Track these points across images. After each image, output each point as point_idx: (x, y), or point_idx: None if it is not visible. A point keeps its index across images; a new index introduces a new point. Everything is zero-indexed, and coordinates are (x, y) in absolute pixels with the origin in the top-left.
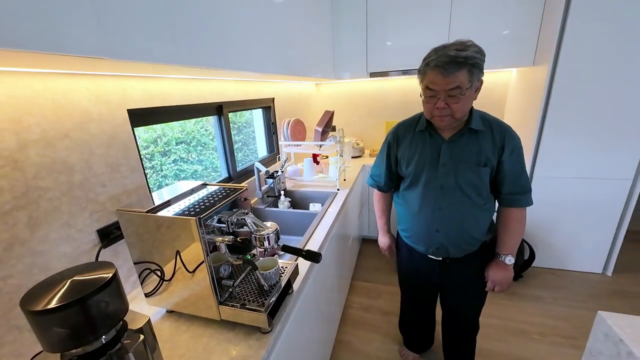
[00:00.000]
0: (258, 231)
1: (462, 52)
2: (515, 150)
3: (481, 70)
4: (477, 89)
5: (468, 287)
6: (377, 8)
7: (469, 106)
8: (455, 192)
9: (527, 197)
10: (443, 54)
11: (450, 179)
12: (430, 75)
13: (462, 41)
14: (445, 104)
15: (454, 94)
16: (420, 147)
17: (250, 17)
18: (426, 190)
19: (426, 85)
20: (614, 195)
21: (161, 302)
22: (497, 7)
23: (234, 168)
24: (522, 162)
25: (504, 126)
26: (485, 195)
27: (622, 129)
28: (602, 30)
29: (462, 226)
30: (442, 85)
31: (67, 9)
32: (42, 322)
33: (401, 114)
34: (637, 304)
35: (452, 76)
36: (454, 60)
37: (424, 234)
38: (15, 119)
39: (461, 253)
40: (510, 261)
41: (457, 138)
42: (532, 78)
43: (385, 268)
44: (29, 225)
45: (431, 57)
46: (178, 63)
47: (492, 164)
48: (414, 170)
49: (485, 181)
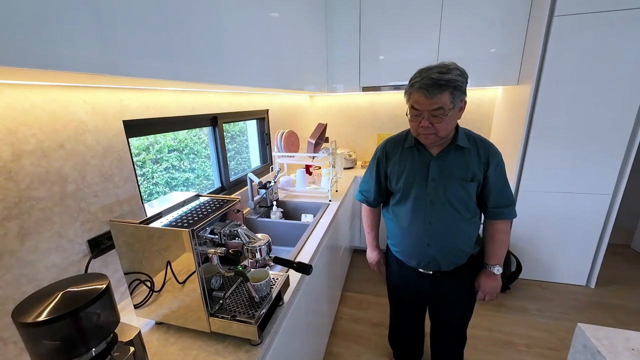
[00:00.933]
0: (250, 243)
1: (444, 75)
2: (499, 165)
3: (463, 92)
4: (460, 109)
5: (457, 300)
6: (369, 25)
7: (452, 125)
8: (445, 206)
9: (511, 210)
10: (426, 76)
11: (439, 193)
12: (415, 95)
13: (445, 64)
14: (430, 123)
15: (437, 114)
16: (410, 162)
17: (245, 33)
18: (416, 205)
19: (411, 105)
20: (595, 209)
21: (150, 314)
22: (484, 27)
23: (227, 178)
24: (505, 177)
25: (488, 143)
26: (473, 209)
27: (600, 146)
28: (580, 54)
29: (452, 240)
30: (426, 106)
31: (70, 28)
32: (33, 334)
33: (392, 127)
34: (619, 315)
35: (435, 97)
36: (437, 83)
37: (415, 249)
38: (11, 130)
39: (451, 266)
40: (499, 271)
41: (445, 154)
42: (517, 96)
43: (376, 279)
44: (20, 235)
45: (416, 79)
46: (175, 79)
47: (478, 179)
48: (403, 185)
49: (472, 195)
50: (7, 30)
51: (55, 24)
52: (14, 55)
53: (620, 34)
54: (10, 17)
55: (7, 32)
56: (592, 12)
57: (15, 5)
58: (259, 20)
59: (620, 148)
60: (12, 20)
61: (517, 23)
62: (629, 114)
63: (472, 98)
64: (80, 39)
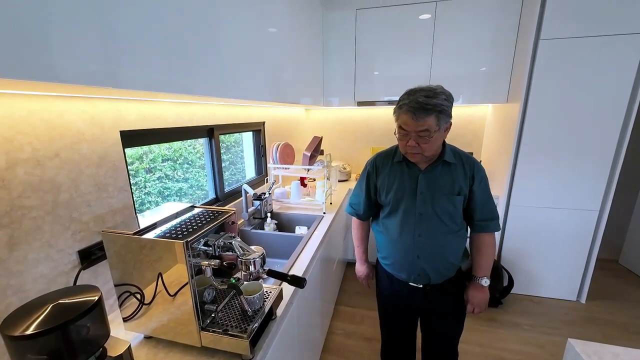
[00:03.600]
0: (244, 255)
1: (431, 99)
2: (483, 180)
3: (448, 115)
4: (446, 129)
5: (448, 314)
6: (365, 42)
7: (437, 145)
8: (433, 219)
9: (495, 223)
10: (414, 99)
11: (427, 206)
12: (402, 116)
13: (432, 88)
14: (416, 142)
15: (423, 135)
16: (399, 176)
17: (243, 48)
18: (406, 218)
19: (399, 125)
20: (583, 225)
21: (139, 327)
22: (474, 47)
23: (222, 189)
24: (488, 192)
25: (473, 159)
26: (459, 222)
27: (586, 163)
28: (565, 75)
29: (440, 252)
30: (413, 127)
31: (71, 41)
32: (20, 348)
33: (387, 141)
34: (609, 331)
35: (422, 120)
36: (423, 107)
37: (405, 261)
38: (7, 138)
39: (441, 279)
40: (486, 283)
41: (433, 169)
42: (507, 114)
43: (369, 292)
44: (9, 244)
45: (404, 101)
46: (173, 92)
47: (464, 193)
48: (393, 198)
49: (459, 209)
50: (9, 42)
51: (56, 37)
52: (16, 68)
53: (600, 58)
54: (13, 31)
55: (9, 44)
56: (575, 37)
57: (16, 18)
58: (257, 35)
59: (605, 165)
60: (14, 33)
61: (506, 44)
62: (612, 132)
63: (463, 114)
64: (82, 51)
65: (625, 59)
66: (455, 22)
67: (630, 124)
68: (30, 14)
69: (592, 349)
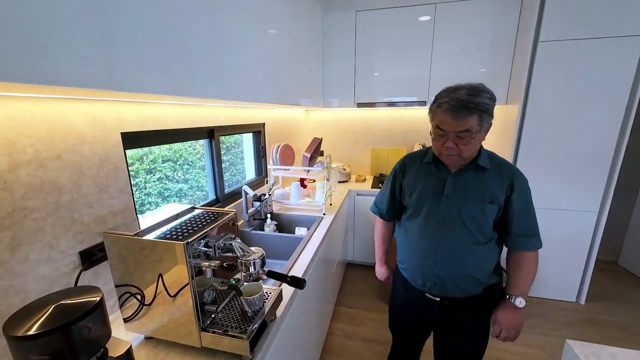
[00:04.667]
0: (244, 256)
1: (473, 97)
2: (524, 191)
3: (491, 115)
4: (486, 131)
5: (466, 335)
6: (364, 44)
7: (477, 147)
8: (456, 224)
9: (534, 241)
10: (455, 97)
11: (452, 210)
12: (440, 115)
13: (474, 85)
14: (454, 144)
15: (464, 136)
16: (426, 177)
17: (243, 49)
18: (427, 221)
19: (436, 124)
20: (583, 226)
21: (140, 328)
22: (474, 48)
23: (222, 190)
24: (530, 204)
25: (513, 167)
26: (488, 233)
27: (585, 164)
28: (564, 77)
29: (461, 262)
30: (452, 127)
31: (73, 45)
32: (23, 348)
33: (386, 142)
34: (608, 332)
35: (463, 120)
36: (465, 106)
37: (421, 266)
38: (10, 140)
39: (460, 294)
40: (521, 303)
41: (463, 172)
42: (506, 115)
43: (369, 293)
44: (11, 245)
45: (443, 99)
46: (173, 94)
47: (499, 202)
48: (416, 200)
49: (489, 218)
50: (12, 46)
51: (58, 41)
52: (19, 71)
53: (599, 60)
54: (16, 35)
55: (12, 49)
56: (574, 39)
57: (18, 23)
58: (257, 37)
59: (604, 166)
60: (17, 38)
61: (505, 46)
62: (611, 133)
63: None
64: (83, 55)
65: (623, 61)
66: (455, 24)
67: (628, 125)
68: (33, 19)
69: (590, 350)
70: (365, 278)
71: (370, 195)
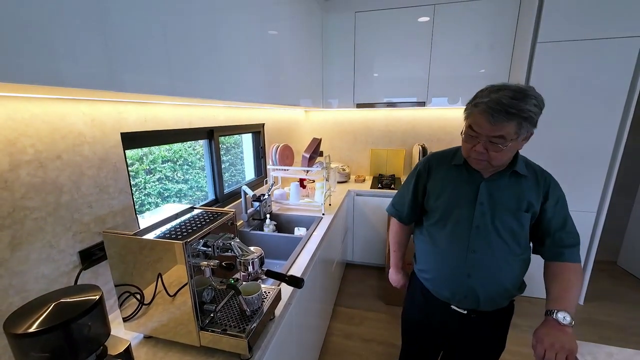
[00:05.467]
0: (243, 256)
1: (517, 102)
2: (561, 200)
3: (534, 124)
4: (525, 138)
5: (485, 346)
6: (364, 44)
7: (509, 156)
8: (492, 234)
9: (573, 252)
10: (496, 98)
11: (487, 219)
12: (476, 116)
13: (522, 88)
14: (485, 149)
15: (496, 142)
16: (455, 181)
17: (243, 50)
18: (458, 229)
19: (469, 125)
20: (581, 226)
21: (139, 327)
22: (472, 48)
23: (222, 191)
24: (567, 213)
25: (548, 174)
26: (524, 244)
27: (584, 165)
28: (562, 78)
29: (497, 274)
30: (487, 131)
31: (75, 46)
32: (23, 345)
33: (385, 142)
34: (606, 332)
35: (499, 125)
36: (506, 110)
37: (451, 278)
38: (11, 141)
39: (491, 307)
40: (565, 319)
41: (498, 178)
42: None
43: (368, 294)
44: (11, 245)
45: (482, 98)
46: (173, 95)
47: (534, 210)
48: (444, 205)
49: (525, 228)
50: (14, 47)
51: (60, 42)
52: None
53: (597, 61)
54: (18, 36)
55: (14, 50)
56: (571, 40)
57: (20, 24)
58: (257, 38)
59: (602, 167)
60: (19, 39)
61: (504, 47)
62: (609, 134)
63: (462, 116)
64: (85, 56)
65: (621, 62)
66: (454, 24)
67: (627, 126)
68: (35, 20)
69: (587, 349)
70: (364, 278)
71: (369, 195)
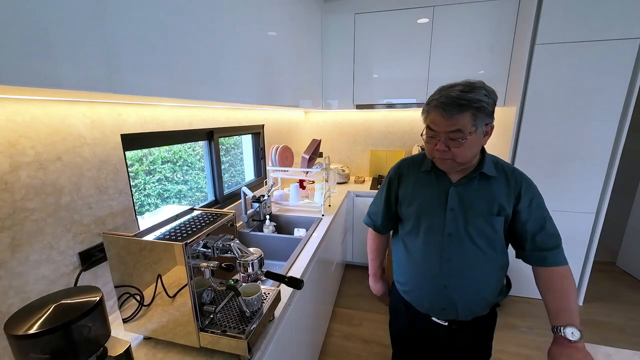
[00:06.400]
0: (243, 257)
1: (466, 93)
2: (535, 200)
3: (488, 114)
4: (486, 134)
5: (470, 355)
6: (363, 45)
7: (473, 151)
8: (465, 241)
9: (556, 254)
10: (446, 94)
11: (459, 225)
12: (431, 114)
13: (471, 82)
14: (446, 146)
15: (455, 137)
16: (425, 188)
17: (242, 52)
18: (430, 238)
19: (427, 125)
20: (580, 227)
21: (139, 328)
22: (471, 50)
23: (221, 192)
24: (544, 214)
25: (520, 173)
26: (499, 249)
27: (582, 166)
28: (560, 79)
29: (473, 283)
30: (443, 127)
31: (78, 50)
32: (24, 347)
33: (384, 143)
34: (605, 333)
35: (453, 118)
36: (456, 102)
37: (429, 289)
38: (11, 142)
39: (469, 316)
40: (574, 335)
41: (467, 181)
42: (504, 117)
43: (368, 295)
44: (11, 246)
45: (434, 96)
46: (173, 96)
47: (506, 213)
48: (415, 213)
49: (499, 232)
50: (14, 50)
51: (59, 45)
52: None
53: (595, 62)
54: (18, 39)
55: (14, 53)
56: (570, 42)
57: (20, 27)
58: (256, 39)
59: (601, 168)
60: (19, 42)
61: (503, 48)
62: (607, 135)
63: None
64: (84, 59)
65: (619, 63)
66: (453, 26)
67: (625, 126)
68: (34, 23)
69: None
70: (363, 279)
71: (369, 196)
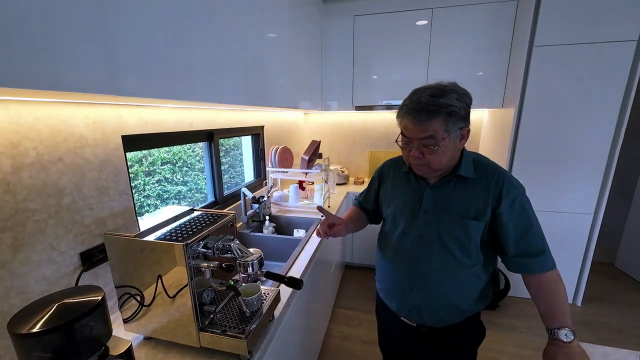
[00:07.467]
0: (243, 257)
1: (437, 98)
2: (517, 201)
3: (461, 118)
4: (461, 138)
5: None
6: (362, 47)
7: (448, 156)
8: (436, 246)
9: (542, 260)
10: (416, 99)
11: (431, 229)
12: (404, 120)
13: (442, 85)
14: (420, 152)
15: (428, 144)
16: (402, 189)
17: (242, 54)
18: (402, 240)
19: (401, 131)
20: (578, 228)
21: (139, 328)
22: (470, 52)
23: (221, 193)
24: (529, 217)
25: (502, 172)
26: (474, 255)
27: (580, 167)
28: (558, 81)
29: (441, 289)
30: (414, 134)
31: (79, 53)
32: (26, 345)
33: (384, 145)
34: (603, 333)
35: (424, 125)
36: (426, 108)
37: (397, 290)
38: (13, 143)
39: (439, 323)
40: (568, 337)
41: (443, 184)
42: (502, 119)
43: (367, 295)
44: (13, 247)
45: (406, 101)
46: (172, 98)
47: (485, 218)
48: (392, 213)
49: (474, 238)
50: (16, 53)
51: (61, 47)
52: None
53: (593, 64)
54: (19, 42)
55: (16, 55)
56: (567, 44)
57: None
58: (257, 41)
59: (599, 168)
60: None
61: (501, 50)
62: (605, 136)
63: None
64: (85, 61)
65: (617, 65)
66: (452, 28)
67: (622, 128)
68: (36, 26)
69: None
70: (363, 280)
71: None
